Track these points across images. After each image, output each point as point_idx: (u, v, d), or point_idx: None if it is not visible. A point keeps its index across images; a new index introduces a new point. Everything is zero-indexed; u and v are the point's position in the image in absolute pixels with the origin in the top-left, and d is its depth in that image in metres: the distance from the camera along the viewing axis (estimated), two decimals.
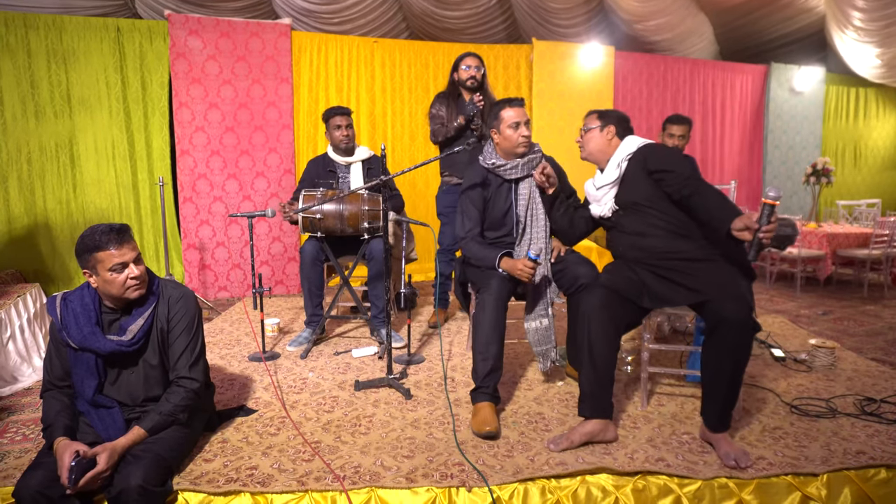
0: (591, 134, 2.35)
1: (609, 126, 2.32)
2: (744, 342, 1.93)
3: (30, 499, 1.56)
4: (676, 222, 2.14)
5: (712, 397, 2.03)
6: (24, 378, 2.88)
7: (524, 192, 2.59)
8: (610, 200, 2.29)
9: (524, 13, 5.82)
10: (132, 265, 1.76)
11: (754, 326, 1.93)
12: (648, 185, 2.18)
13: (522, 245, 2.61)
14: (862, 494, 1.88)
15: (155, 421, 1.81)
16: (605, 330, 2.09)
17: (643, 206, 2.19)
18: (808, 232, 5.07)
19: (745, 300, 1.94)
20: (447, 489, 1.80)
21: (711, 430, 2.04)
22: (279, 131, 4.82)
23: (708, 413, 2.05)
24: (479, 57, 3.49)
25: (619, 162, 2.26)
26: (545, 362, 2.64)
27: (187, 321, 1.92)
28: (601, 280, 2.25)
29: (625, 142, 2.31)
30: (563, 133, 5.70)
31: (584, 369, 2.12)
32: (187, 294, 1.97)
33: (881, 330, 3.84)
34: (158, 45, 4.66)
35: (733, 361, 1.95)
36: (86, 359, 1.80)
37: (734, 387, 2.01)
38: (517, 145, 2.51)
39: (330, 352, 3.19)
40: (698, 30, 6.34)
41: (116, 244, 1.73)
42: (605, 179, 2.30)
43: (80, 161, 4.62)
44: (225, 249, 4.76)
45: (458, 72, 3.48)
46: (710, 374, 2.01)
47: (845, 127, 7.40)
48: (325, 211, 3.08)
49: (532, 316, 2.60)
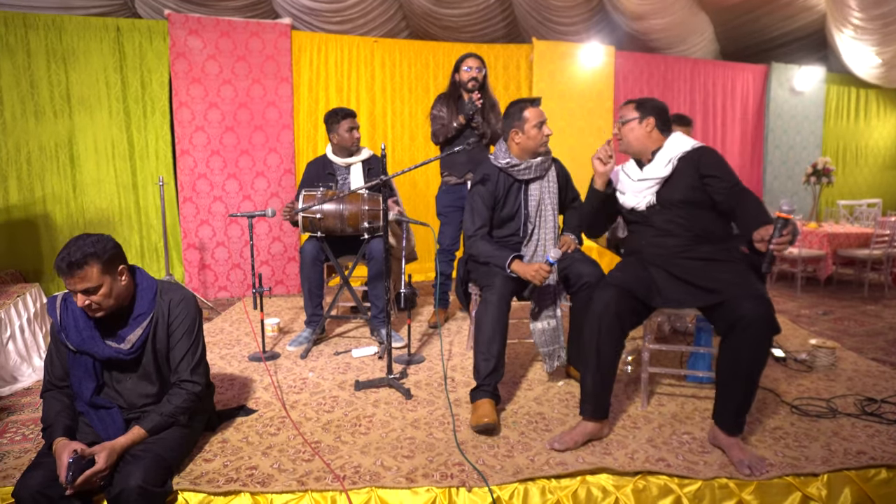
0: (631, 126, 2.26)
1: (648, 118, 2.24)
2: (764, 341, 1.92)
3: (29, 499, 1.56)
4: (702, 225, 2.15)
5: (728, 398, 1.99)
6: (24, 378, 2.88)
7: (535, 194, 2.63)
8: (650, 195, 2.23)
9: (524, 11, 5.82)
10: (80, 295, 1.72)
11: (774, 327, 1.91)
12: (695, 186, 2.15)
13: (530, 246, 2.62)
14: (862, 495, 1.88)
15: (155, 422, 1.80)
16: (613, 331, 2.08)
17: (681, 206, 2.16)
18: (809, 232, 5.07)
19: (765, 298, 1.93)
20: (447, 489, 1.80)
21: (727, 433, 2.00)
22: (279, 131, 4.82)
23: (722, 416, 2.02)
24: (480, 58, 3.48)
25: (672, 159, 2.20)
26: (552, 363, 2.63)
27: (188, 324, 1.91)
28: (612, 279, 2.19)
29: (675, 139, 2.25)
30: (563, 133, 5.70)
31: (590, 370, 2.10)
32: (188, 297, 1.96)
33: (882, 330, 3.83)
34: (158, 45, 4.66)
35: (752, 360, 1.92)
36: (84, 361, 1.80)
37: (751, 387, 1.97)
38: (541, 144, 2.58)
39: (330, 352, 3.19)
40: (699, 29, 6.34)
41: (65, 276, 1.70)
42: (651, 174, 2.22)
43: (80, 161, 4.62)
44: (225, 249, 4.76)
45: (460, 73, 3.47)
46: (727, 374, 1.98)
47: (846, 127, 7.40)
48: (325, 211, 3.08)
49: (540, 317, 2.58)
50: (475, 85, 3.43)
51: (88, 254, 1.70)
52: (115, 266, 1.78)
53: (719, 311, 2.00)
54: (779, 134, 6.72)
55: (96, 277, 1.71)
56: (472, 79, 3.42)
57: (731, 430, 2.00)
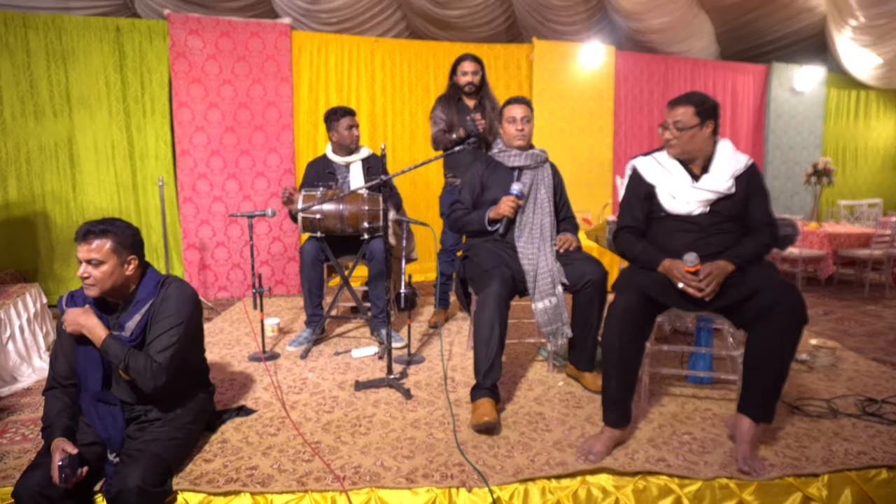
0: (692, 133, 2.16)
1: (708, 123, 2.16)
2: (796, 326, 1.92)
3: (29, 499, 1.56)
4: (732, 234, 2.16)
5: (758, 384, 1.97)
6: (24, 378, 2.88)
7: (527, 181, 2.72)
8: (704, 206, 2.17)
9: (524, 11, 5.81)
10: (84, 264, 1.79)
11: (805, 315, 1.92)
12: (744, 203, 2.17)
13: (524, 229, 2.64)
14: (863, 495, 1.88)
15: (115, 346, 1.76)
16: (636, 336, 2.05)
17: (727, 216, 2.16)
18: (809, 232, 5.07)
19: (794, 287, 1.96)
20: (447, 489, 1.80)
21: (754, 419, 1.96)
22: (279, 131, 4.82)
23: (751, 402, 1.98)
24: (477, 60, 3.45)
25: (735, 174, 2.16)
26: (555, 340, 2.56)
27: (174, 308, 1.86)
28: (635, 282, 2.14)
29: (727, 148, 2.21)
30: (563, 133, 5.70)
31: (614, 375, 2.04)
32: (186, 290, 1.93)
33: (882, 330, 3.83)
34: (158, 45, 4.66)
35: (784, 346, 1.92)
36: (90, 351, 1.82)
37: (782, 374, 1.95)
38: (512, 138, 2.74)
39: (330, 352, 3.19)
40: (699, 29, 6.33)
41: (80, 241, 1.79)
42: (711, 185, 2.16)
43: (80, 161, 4.61)
44: (225, 249, 4.76)
45: (456, 76, 3.45)
46: (758, 361, 1.96)
47: (846, 127, 7.39)
48: (325, 211, 3.08)
49: (538, 296, 2.53)
50: (472, 89, 3.42)
51: (109, 230, 1.80)
52: (127, 253, 1.84)
53: (751, 302, 1.99)
54: (779, 134, 6.72)
55: (105, 253, 1.78)
56: (469, 83, 3.41)
57: (758, 415, 1.97)
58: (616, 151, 6.02)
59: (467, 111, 3.45)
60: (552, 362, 2.89)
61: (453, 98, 3.47)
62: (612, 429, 2.06)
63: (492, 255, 2.59)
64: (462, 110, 3.42)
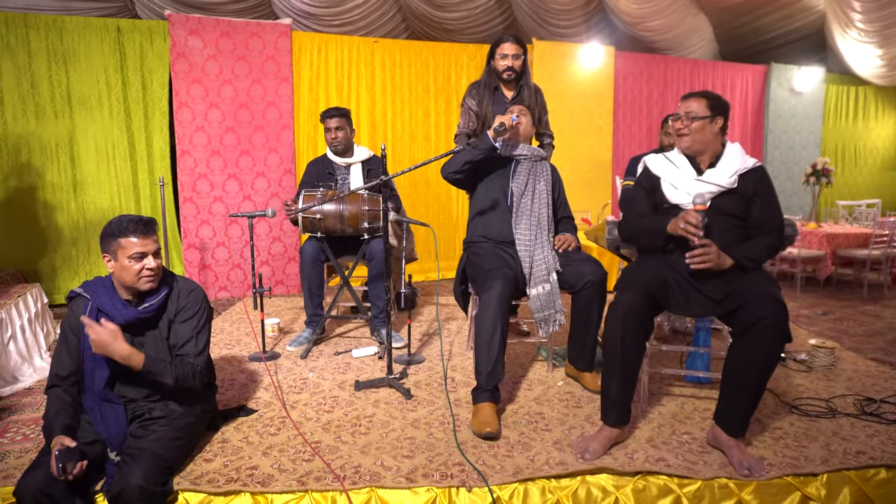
0: (702, 124, 2.17)
1: (718, 118, 2.18)
2: (777, 344, 1.91)
3: (30, 498, 1.56)
4: (731, 235, 2.15)
5: (734, 400, 1.99)
6: (25, 378, 2.88)
7: (522, 171, 2.70)
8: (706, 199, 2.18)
9: (524, 13, 5.82)
10: (150, 257, 1.82)
11: (787, 335, 1.92)
12: (746, 203, 2.17)
13: (521, 217, 2.64)
14: (861, 495, 1.88)
15: (157, 365, 1.81)
16: (638, 335, 2.05)
17: (726, 215, 2.16)
18: (808, 232, 5.07)
19: (783, 304, 1.94)
20: (447, 489, 1.80)
21: (731, 435, 1.99)
22: (279, 131, 4.82)
23: (727, 417, 2.01)
24: (519, 42, 2.98)
25: (739, 171, 2.16)
26: (547, 328, 2.57)
27: (196, 308, 1.96)
28: (637, 281, 2.13)
29: (735, 149, 2.22)
30: (563, 133, 5.70)
31: (615, 374, 2.05)
32: (197, 289, 2.02)
33: (881, 330, 3.84)
34: (159, 45, 4.66)
35: (763, 363, 1.92)
36: None
37: (758, 392, 1.96)
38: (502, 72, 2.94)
39: (330, 352, 3.19)
40: (698, 30, 6.34)
41: (141, 234, 1.80)
42: (714, 179, 2.16)
43: (81, 161, 4.62)
44: (225, 249, 4.76)
45: (495, 59, 3.02)
46: (735, 377, 1.97)
47: (845, 127, 7.40)
48: (325, 211, 3.08)
49: (533, 283, 2.54)
50: (511, 75, 3.01)
51: (151, 220, 1.86)
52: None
53: (740, 312, 2.00)
54: (778, 134, 6.73)
55: (158, 243, 1.87)
56: (508, 68, 2.99)
57: (734, 431, 1.99)
58: (615, 151, 6.03)
59: (503, 102, 3.05)
60: (552, 362, 2.89)
61: (489, 86, 3.06)
62: (610, 428, 2.07)
63: (493, 255, 2.59)
64: (497, 101, 3.04)
